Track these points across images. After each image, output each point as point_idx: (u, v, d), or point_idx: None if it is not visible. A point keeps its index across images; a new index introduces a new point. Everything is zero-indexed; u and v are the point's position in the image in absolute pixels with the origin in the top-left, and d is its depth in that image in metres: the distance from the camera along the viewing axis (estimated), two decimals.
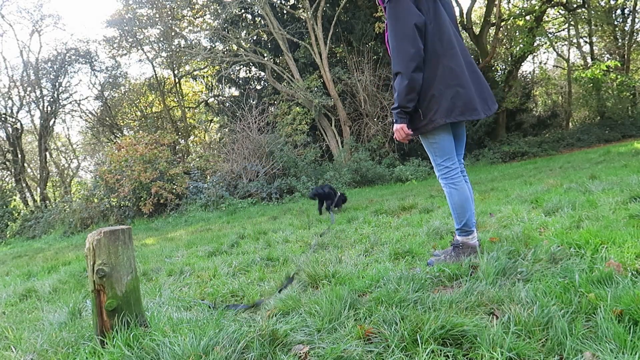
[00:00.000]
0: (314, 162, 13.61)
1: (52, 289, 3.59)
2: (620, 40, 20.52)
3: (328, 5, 15.21)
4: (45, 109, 19.11)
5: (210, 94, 20.23)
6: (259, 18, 16.54)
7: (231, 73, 16.85)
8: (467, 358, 1.49)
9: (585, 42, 21.85)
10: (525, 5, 18.48)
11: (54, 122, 20.39)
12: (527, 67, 30.66)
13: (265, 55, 15.72)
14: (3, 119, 18.63)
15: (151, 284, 3.23)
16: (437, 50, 2.34)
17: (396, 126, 2.46)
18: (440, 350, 1.52)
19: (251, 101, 16.00)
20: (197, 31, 18.06)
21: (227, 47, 15.95)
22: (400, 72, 2.31)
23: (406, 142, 2.56)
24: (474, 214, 2.60)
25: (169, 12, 17.24)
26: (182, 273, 3.46)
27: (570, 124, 21.09)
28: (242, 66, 17.30)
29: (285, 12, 16.12)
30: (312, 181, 12.34)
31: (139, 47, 18.49)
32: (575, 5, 18.25)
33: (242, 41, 15.87)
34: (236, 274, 3.15)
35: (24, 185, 19.27)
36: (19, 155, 19.15)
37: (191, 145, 20.47)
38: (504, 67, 19.73)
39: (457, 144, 2.62)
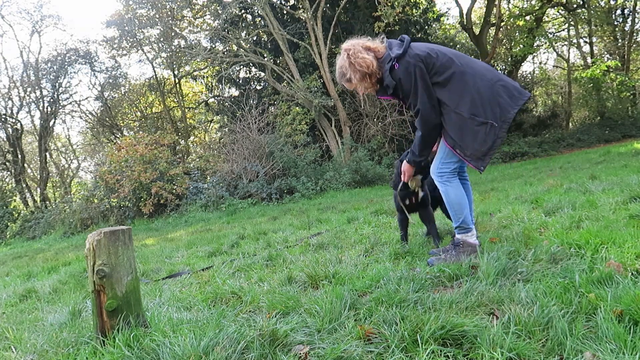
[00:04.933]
0: (314, 162, 13.61)
1: (52, 289, 3.59)
2: (620, 40, 20.51)
3: (328, 5, 15.21)
4: (45, 109, 19.10)
5: (210, 95, 20.22)
6: (259, 18, 16.54)
7: (231, 73, 16.84)
8: (467, 358, 1.49)
9: (585, 42, 21.86)
10: (525, 6, 18.47)
11: (54, 122, 20.39)
12: (527, 67, 30.60)
13: (265, 55, 15.72)
14: (3, 119, 18.63)
15: (151, 285, 3.23)
16: (464, 70, 2.47)
17: (406, 166, 2.75)
18: (441, 351, 1.52)
19: (251, 101, 15.99)
20: (197, 31, 18.06)
21: (227, 48, 15.94)
22: (419, 130, 2.54)
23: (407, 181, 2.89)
24: (473, 212, 2.62)
25: (169, 13, 17.23)
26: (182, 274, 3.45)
27: (570, 124, 21.08)
28: (242, 66, 17.29)
29: (285, 12, 16.12)
30: (312, 181, 12.33)
31: (139, 48, 18.47)
32: (575, 6, 18.25)
33: (242, 41, 15.87)
34: (236, 274, 3.15)
35: (24, 185, 19.26)
36: (19, 156, 19.14)
37: (191, 145, 20.45)
38: (504, 67, 19.73)
39: None
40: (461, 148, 2.47)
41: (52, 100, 19.11)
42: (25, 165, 20.71)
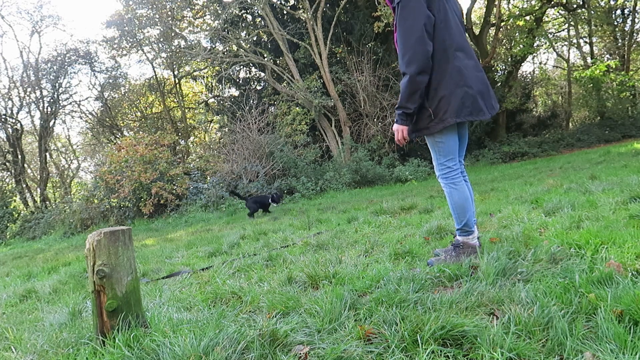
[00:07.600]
0: (314, 163, 13.61)
1: (52, 289, 3.59)
2: (620, 40, 20.51)
3: (328, 5, 15.21)
4: (45, 109, 19.10)
5: (210, 95, 20.22)
6: (259, 19, 16.54)
7: (231, 73, 16.84)
8: (467, 358, 1.49)
9: (585, 42, 21.85)
10: (525, 6, 18.47)
11: (54, 122, 20.39)
12: (527, 67, 30.64)
13: (265, 55, 15.72)
14: (3, 119, 18.63)
15: (151, 285, 3.23)
16: (447, 50, 2.35)
17: (396, 126, 2.47)
18: (441, 351, 1.52)
19: (251, 101, 16.00)
20: (197, 32, 18.05)
21: (227, 48, 15.94)
22: (405, 73, 2.32)
23: (403, 145, 2.57)
24: (474, 213, 2.61)
25: (169, 13, 17.23)
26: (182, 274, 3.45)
27: (570, 124, 21.08)
28: (242, 66, 17.29)
29: (285, 12, 16.12)
30: (312, 181, 12.33)
31: (139, 48, 18.48)
32: (575, 6, 18.25)
33: (242, 42, 15.87)
34: (236, 274, 3.15)
35: (24, 186, 19.26)
36: (19, 156, 19.14)
37: (191, 145, 20.47)
38: (504, 67, 19.71)
39: (459, 145, 2.64)
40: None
41: (52, 100, 19.12)
42: (25, 165, 20.71)
